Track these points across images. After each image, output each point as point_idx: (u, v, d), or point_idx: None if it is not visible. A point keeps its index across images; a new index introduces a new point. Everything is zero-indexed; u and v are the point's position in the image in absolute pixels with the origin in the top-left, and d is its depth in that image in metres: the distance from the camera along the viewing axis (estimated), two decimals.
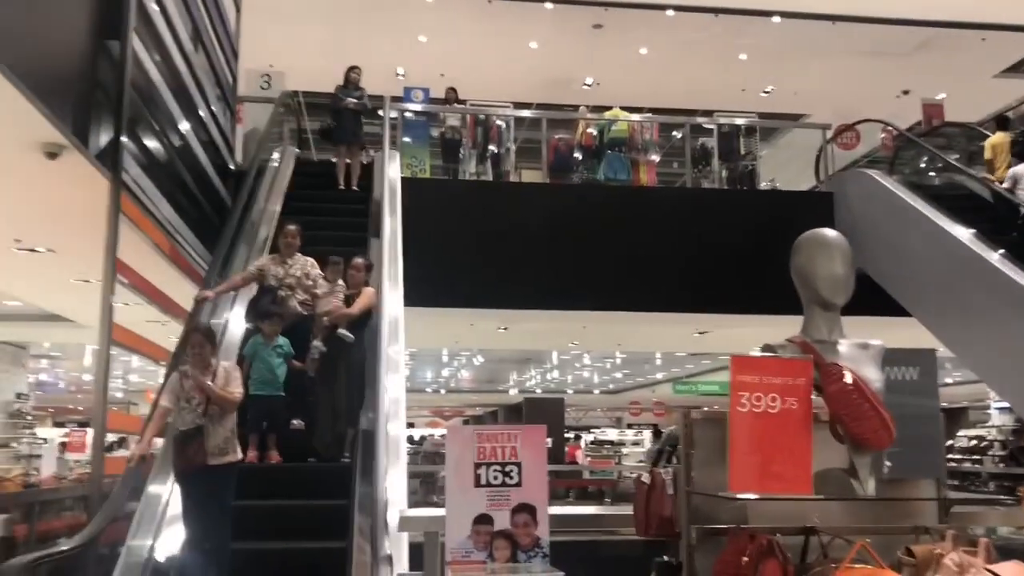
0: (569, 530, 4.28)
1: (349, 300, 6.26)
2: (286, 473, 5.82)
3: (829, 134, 11.83)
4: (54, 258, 8.79)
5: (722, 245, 10.26)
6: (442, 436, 21.23)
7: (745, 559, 2.57)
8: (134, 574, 4.62)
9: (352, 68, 10.20)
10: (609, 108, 12.08)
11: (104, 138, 5.97)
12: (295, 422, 6.00)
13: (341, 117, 10.03)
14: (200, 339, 5.13)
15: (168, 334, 8.25)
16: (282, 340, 5.91)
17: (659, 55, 14.86)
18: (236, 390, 5.06)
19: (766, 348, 2.89)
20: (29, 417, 17.27)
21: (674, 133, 12.90)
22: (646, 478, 3.12)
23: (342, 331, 5.98)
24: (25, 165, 5.84)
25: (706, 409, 2.98)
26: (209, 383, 4.91)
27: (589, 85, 16.08)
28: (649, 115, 12.21)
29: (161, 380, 5.88)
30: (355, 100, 10.02)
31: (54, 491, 6.61)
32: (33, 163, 5.75)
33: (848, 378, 2.67)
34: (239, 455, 5.07)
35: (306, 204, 8.97)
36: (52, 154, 5.65)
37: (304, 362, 6.13)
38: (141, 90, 6.56)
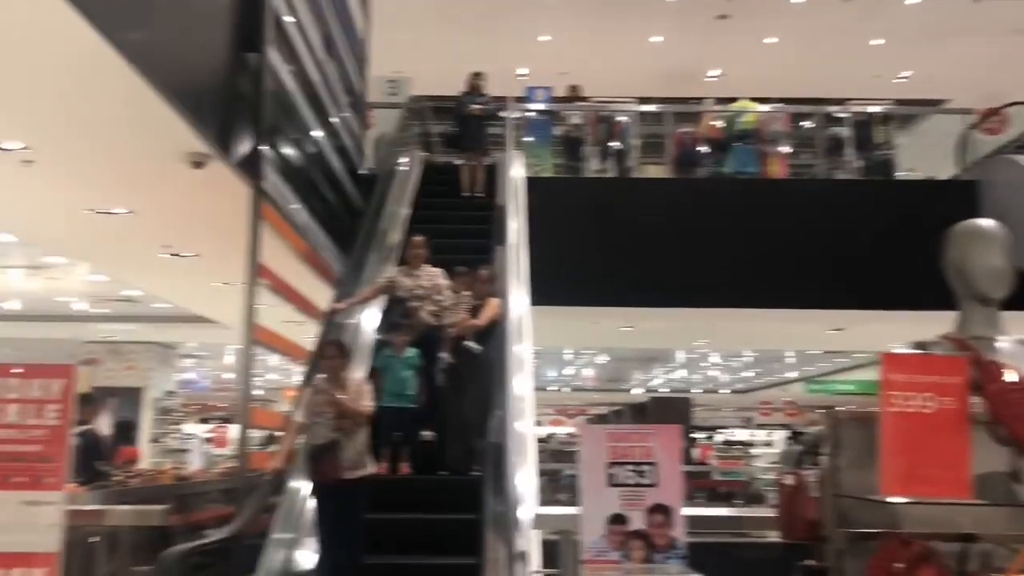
0: (704, 532, 4.18)
1: (475, 311, 6.23)
2: (417, 485, 5.81)
3: (972, 119, 11.18)
4: (199, 262, 9.28)
5: (858, 238, 9.85)
6: (567, 434, 21.23)
7: (899, 566, 2.46)
8: (278, 564, 4.80)
9: (476, 74, 10.20)
10: (735, 99, 11.79)
11: (245, 147, 6.24)
12: (425, 434, 5.99)
13: (465, 124, 10.01)
14: (334, 351, 5.18)
15: (305, 333, 8.58)
16: (412, 352, 5.91)
17: (787, 43, 14.43)
18: (368, 404, 5.06)
19: (917, 345, 2.75)
20: (177, 414, 18.28)
21: (805, 123, 12.47)
22: (790, 480, 3.02)
23: (469, 343, 5.95)
24: (173, 175, 6.18)
25: (853, 408, 2.86)
26: (341, 397, 4.93)
27: (714, 77, 15.75)
28: (778, 105, 11.84)
29: (298, 378, 6.11)
30: (479, 106, 10.00)
31: (202, 484, 6.95)
32: (180, 173, 6.07)
33: (1010, 376, 2.52)
34: (371, 469, 5.07)
35: (432, 211, 9.12)
36: (198, 164, 5.95)
37: (434, 373, 6.12)
38: (278, 99, 6.82)
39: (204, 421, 27.60)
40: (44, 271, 11.21)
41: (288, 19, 7.10)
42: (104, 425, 14.65)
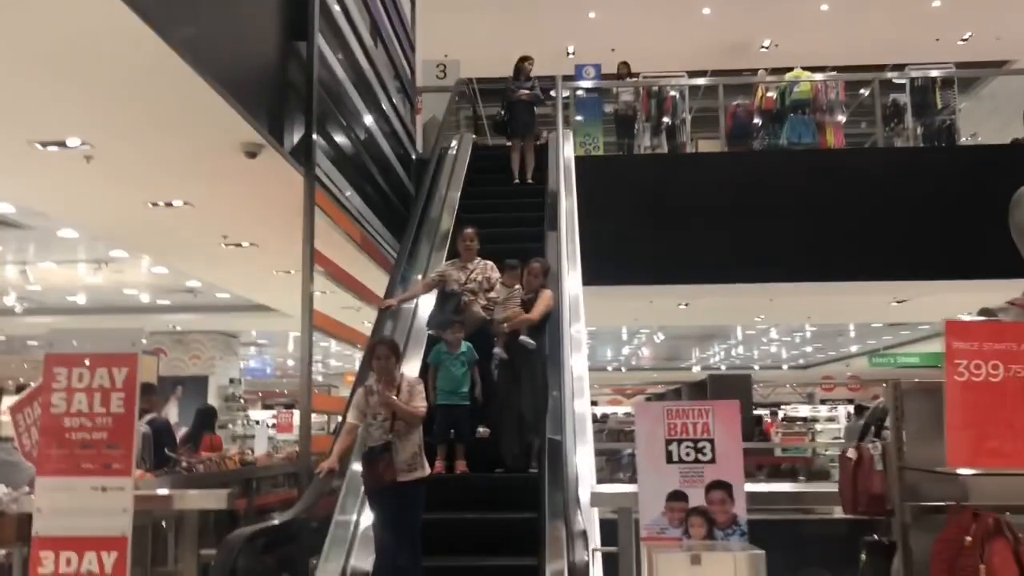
0: (766, 508, 4.13)
1: (527, 305, 6.06)
2: (474, 483, 5.62)
3: None
4: (257, 252, 9.42)
5: (920, 206, 9.61)
6: (625, 414, 21.18)
7: (969, 539, 2.39)
8: (341, 546, 4.87)
9: (523, 59, 10.01)
10: (789, 69, 11.55)
11: (296, 135, 6.30)
12: (481, 429, 5.86)
13: (514, 109, 9.79)
14: (385, 351, 4.95)
15: (362, 319, 8.67)
16: (465, 347, 5.75)
17: (842, 10, 14.07)
18: (420, 404, 4.91)
19: (984, 312, 2.67)
20: (242, 400, 18.68)
21: (862, 91, 12.16)
22: (852, 453, 2.96)
23: (524, 338, 5.79)
24: (228, 165, 6.27)
25: (917, 380, 2.79)
26: (395, 398, 4.79)
27: (767, 47, 15.45)
28: (834, 73, 11.57)
29: (357, 365, 6.16)
30: (527, 91, 9.80)
31: (267, 468, 7.09)
32: (235, 163, 6.16)
33: None
34: (427, 470, 4.93)
35: (481, 199, 9.11)
36: (251, 153, 6.03)
37: (488, 368, 5.96)
38: (328, 87, 6.86)
39: (268, 407, 28.21)
40: (108, 265, 11.50)
41: (336, 7, 7.13)
42: (172, 414, 15.08)
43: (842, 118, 11.31)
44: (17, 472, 4.06)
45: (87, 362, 3.69)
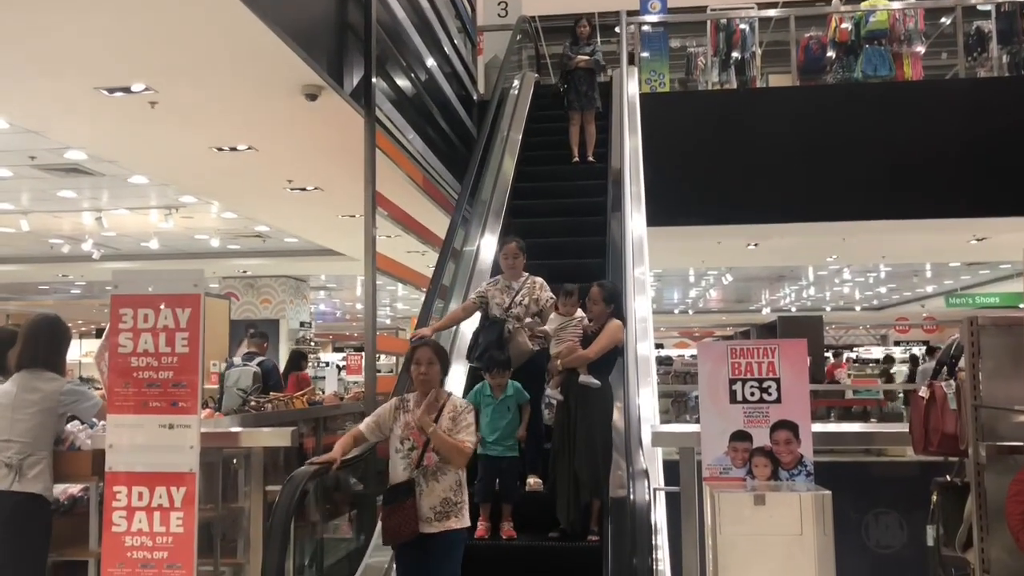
0: (834, 449, 4.06)
1: (588, 338, 4.86)
2: (523, 553, 4.65)
3: None
4: (322, 196, 9.51)
5: (1004, 140, 9.17)
6: (691, 356, 21.03)
7: None
8: None
9: (579, 22, 9.11)
10: None
11: (356, 77, 6.27)
12: (531, 481, 4.94)
13: (572, 78, 8.84)
14: (428, 356, 3.88)
15: (426, 263, 8.71)
16: (512, 388, 4.78)
17: None
18: (467, 439, 3.84)
19: None
20: (312, 343, 19.07)
21: (943, 19, 11.58)
22: (924, 392, 2.86)
23: (586, 377, 4.71)
24: (289, 109, 6.29)
25: (994, 316, 2.66)
26: (431, 424, 3.77)
27: None
28: (912, 1, 11.01)
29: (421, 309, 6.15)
30: (586, 56, 8.88)
31: (335, 408, 7.24)
32: (296, 106, 6.18)
33: None
34: (465, 521, 3.86)
35: (545, 127, 8.98)
36: (312, 96, 6.03)
37: (539, 408, 5.03)
38: (387, 28, 6.80)
39: (339, 350, 28.79)
40: (178, 211, 11.75)
41: None
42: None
43: (921, 49, 10.79)
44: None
45: (152, 302, 3.77)
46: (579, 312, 5.02)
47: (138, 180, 9.85)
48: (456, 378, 5.54)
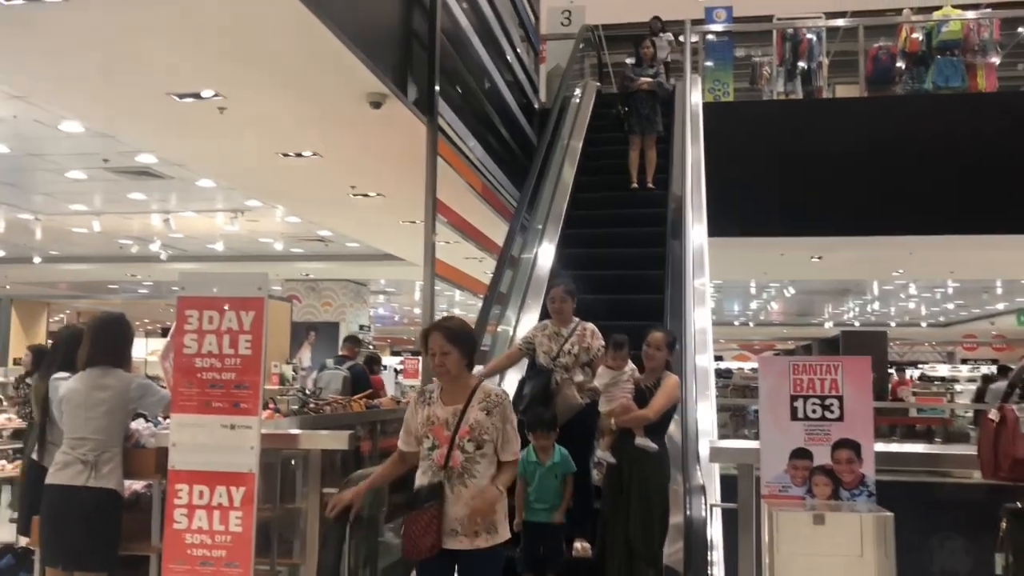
0: (897, 469, 3.96)
1: (643, 394, 4.37)
2: None
3: None
4: (384, 202, 9.62)
5: None
6: (752, 370, 20.74)
7: None
8: None
9: (643, 43, 8.76)
10: (937, 8, 10.79)
11: (420, 85, 6.34)
12: (579, 545, 4.63)
13: (633, 101, 8.40)
14: (440, 343, 3.39)
15: (483, 270, 8.74)
16: (559, 455, 4.37)
17: None
18: (511, 450, 3.44)
19: None
20: (371, 347, 19.28)
21: (1019, 29, 11.26)
22: (994, 415, 2.78)
23: (642, 440, 4.27)
24: (354, 116, 6.38)
25: None
26: (447, 417, 3.36)
27: None
28: (988, 10, 10.73)
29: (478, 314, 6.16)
30: (649, 79, 8.46)
31: (392, 411, 7.30)
32: (361, 114, 6.27)
33: None
34: (501, 535, 3.40)
35: (604, 137, 8.96)
36: (376, 104, 6.11)
37: (587, 467, 4.70)
38: (451, 37, 6.86)
39: (396, 354, 29.02)
40: (244, 214, 11.99)
41: None
42: (305, 358, 15.68)
43: (996, 59, 10.51)
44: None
45: (216, 305, 3.85)
46: (629, 365, 4.56)
47: (205, 184, 10.08)
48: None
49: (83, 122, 7.46)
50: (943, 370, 25.34)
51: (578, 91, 9.96)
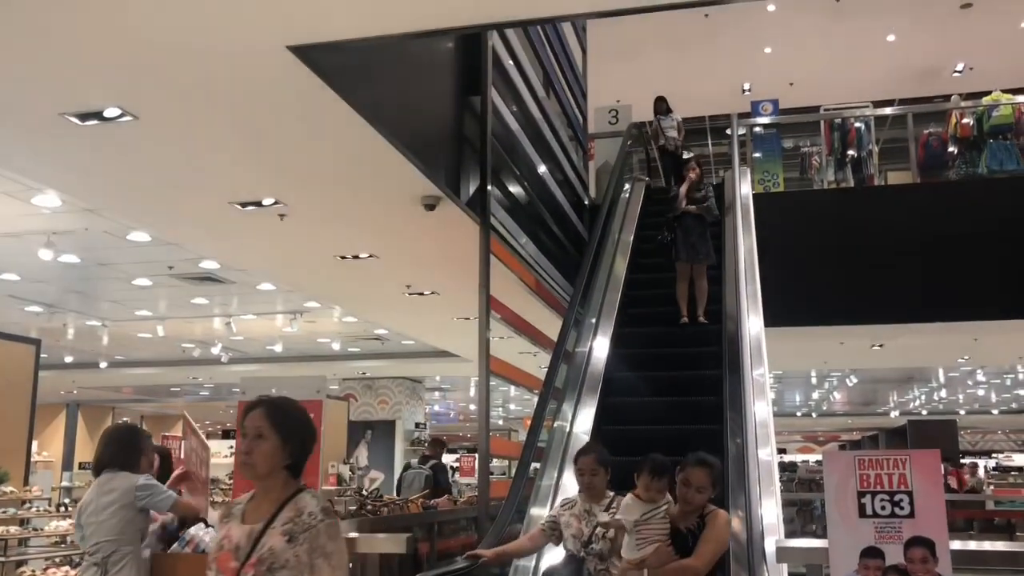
0: (977, 568, 3.78)
1: (684, 538, 3.54)
2: None
3: None
4: (438, 300, 9.75)
5: None
6: (816, 462, 20.12)
7: None
8: None
9: (688, 164, 8.33)
10: (986, 93, 10.78)
11: (472, 187, 6.49)
12: None
13: (680, 225, 7.91)
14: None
15: (537, 364, 8.73)
16: None
17: None
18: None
19: None
20: (426, 444, 19.18)
21: None
22: None
23: None
24: (409, 218, 6.55)
25: None
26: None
27: (960, 72, 14.50)
28: None
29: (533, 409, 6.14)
30: (697, 203, 7.97)
31: (449, 512, 7.22)
32: (415, 216, 6.43)
33: None
34: None
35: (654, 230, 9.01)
36: (430, 206, 6.28)
37: None
38: (501, 139, 7.03)
39: (451, 451, 28.82)
40: (302, 315, 12.22)
41: (508, 62, 7.32)
42: (362, 457, 15.66)
43: None
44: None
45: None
46: (666, 497, 3.64)
47: (266, 287, 10.34)
48: None
49: (149, 231, 7.76)
50: (1019, 459, 24.27)
51: (627, 186, 10.08)
